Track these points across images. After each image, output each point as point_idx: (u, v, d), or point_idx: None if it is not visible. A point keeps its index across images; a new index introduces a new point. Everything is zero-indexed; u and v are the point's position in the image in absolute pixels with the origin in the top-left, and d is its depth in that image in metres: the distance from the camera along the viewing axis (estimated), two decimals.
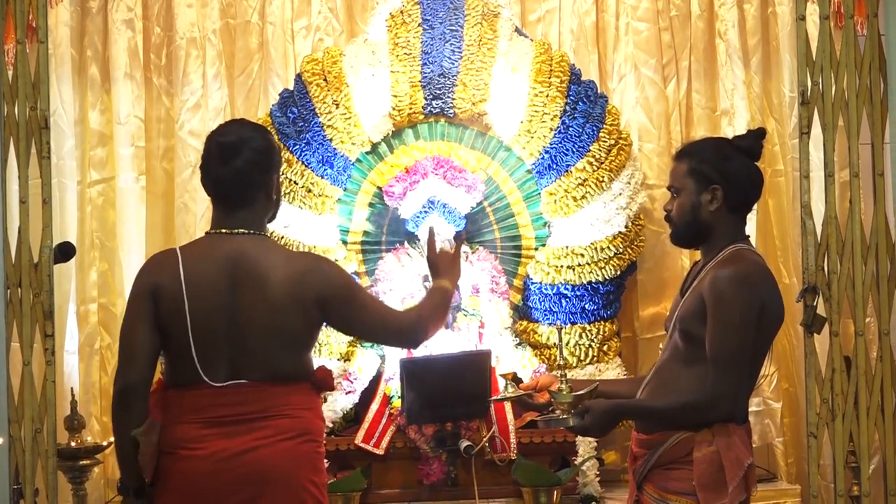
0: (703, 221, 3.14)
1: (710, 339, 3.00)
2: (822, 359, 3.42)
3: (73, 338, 4.98)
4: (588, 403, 3.07)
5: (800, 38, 3.44)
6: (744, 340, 2.97)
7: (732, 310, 2.98)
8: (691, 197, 3.15)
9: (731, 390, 2.97)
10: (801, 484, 4.73)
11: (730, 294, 2.98)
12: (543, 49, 4.87)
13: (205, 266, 2.93)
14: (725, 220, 3.13)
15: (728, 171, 3.13)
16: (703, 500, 2.98)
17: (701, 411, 3.01)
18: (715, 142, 3.30)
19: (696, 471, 3.00)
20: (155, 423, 2.92)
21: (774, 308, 3.05)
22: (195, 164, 5.03)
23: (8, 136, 3.35)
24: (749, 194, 3.17)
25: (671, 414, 3.08)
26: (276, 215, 3.13)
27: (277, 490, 2.87)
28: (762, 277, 3.05)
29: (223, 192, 3.00)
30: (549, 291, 4.79)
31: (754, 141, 3.20)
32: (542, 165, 4.79)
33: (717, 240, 3.13)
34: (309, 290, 2.92)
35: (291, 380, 2.94)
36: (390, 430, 4.54)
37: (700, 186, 3.13)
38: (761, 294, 3.01)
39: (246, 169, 2.97)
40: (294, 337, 2.93)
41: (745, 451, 2.98)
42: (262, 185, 3.00)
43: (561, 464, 4.60)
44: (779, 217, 5.13)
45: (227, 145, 2.98)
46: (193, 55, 5.11)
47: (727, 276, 3.01)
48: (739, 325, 2.97)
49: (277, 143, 3.13)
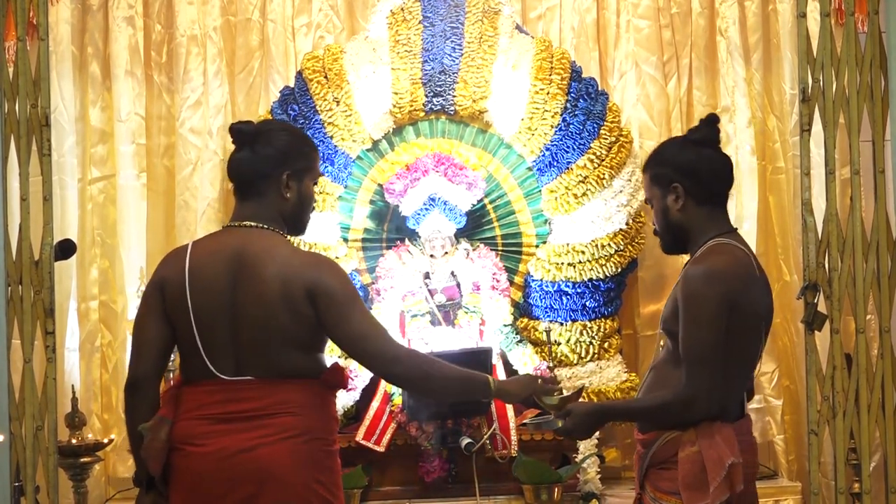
0: (675, 223, 3.11)
1: (681, 338, 2.99)
2: (823, 356, 3.42)
3: (74, 335, 4.99)
4: (570, 406, 3.09)
5: (800, 36, 3.43)
6: (714, 337, 2.93)
7: (700, 307, 2.95)
8: (660, 203, 3.13)
9: (704, 387, 2.94)
10: (801, 481, 4.73)
11: (698, 291, 2.95)
12: (544, 46, 4.87)
13: (209, 259, 2.92)
14: (697, 216, 3.09)
15: (682, 165, 3.09)
16: (686, 499, 2.97)
17: (678, 409, 2.99)
18: (668, 142, 3.27)
19: (680, 471, 3.00)
20: (165, 418, 2.92)
21: (750, 303, 3.00)
22: (196, 162, 5.05)
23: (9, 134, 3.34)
24: (712, 183, 3.11)
25: (650, 413, 3.09)
26: (299, 224, 3.06)
27: (277, 489, 2.85)
28: (734, 272, 2.98)
29: (234, 179, 3.03)
30: (550, 288, 4.79)
31: (706, 129, 3.15)
32: (542, 163, 4.79)
33: (696, 237, 3.10)
34: (299, 286, 2.88)
35: (297, 377, 2.92)
36: (391, 427, 4.54)
37: (664, 190, 3.11)
38: (733, 289, 2.95)
39: (254, 160, 2.97)
40: (291, 334, 2.89)
41: (727, 450, 2.95)
42: (274, 180, 2.98)
43: (562, 461, 4.60)
44: (779, 214, 5.13)
45: (242, 132, 3.01)
46: (194, 52, 5.12)
47: (695, 274, 2.99)
48: (708, 322, 2.93)
49: (306, 150, 3.05)
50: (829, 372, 3.38)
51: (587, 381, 4.73)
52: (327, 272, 2.94)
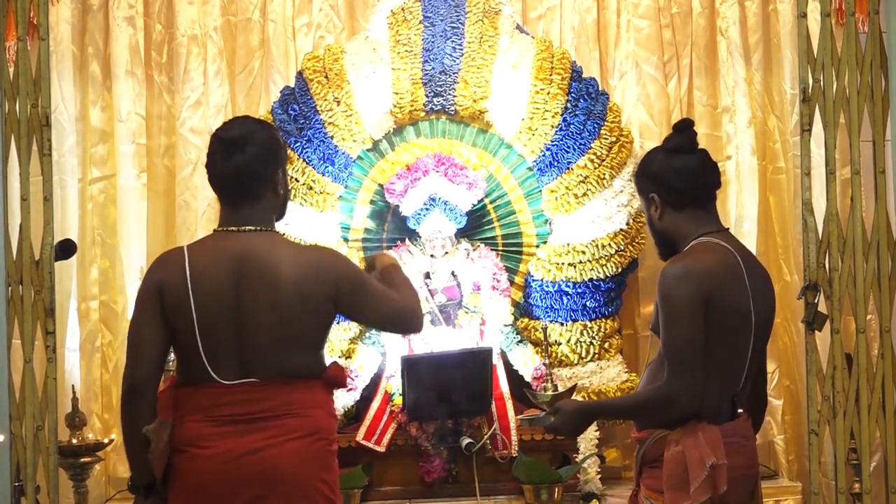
0: (659, 231, 3.17)
1: (661, 337, 3.02)
2: (824, 356, 3.42)
3: (75, 335, 4.98)
4: (559, 403, 3.13)
5: (801, 35, 3.43)
6: (689, 334, 2.95)
7: (674, 305, 2.97)
8: (645, 213, 3.22)
9: (684, 385, 2.95)
10: (802, 481, 4.73)
11: (671, 290, 2.98)
12: (544, 46, 4.87)
13: (211, 263, 2.91)
14: (677, 221, 3.13)
15: (653, 173, 3.15)
16: (669, 499, 2.99)
17: (658, 406, 3.01)
18: (648, 153, 3.30)
19: (664, 470, 3.01)
20: (166, 421, 2.91)
21: (729, 300, 2.99)
22: (196, 162, 5.04)
23: (9, 133, 3.34)
24: (684, 187, 3.13)
25: (633, 411, 3.15)
26: (285, 213, 3.10)
27: (286, 489, 2.86)
28: (707, 270, 2.99)
29: (228, 188, 2.99)
30: (551, 288, 4.79)
31: (677, 137, 3.19)
32: (543, 163, 4.79)
33: (682, 241, 3.12)
34: (320, 288, 2.90)
35: (302, 378, 2.93)
36: (391, 427, 4.54)
37: (645, 200, 3.19)
38: (707, 286, 2.96)
39: (249, 163, 2.95)
40: (304, 335, 2.91)
41: (709, 451, 2.94)
42: (267, 180, 2.98)
43: (562, 461, 4.60)
44: (780, 214, 5.13)
45: (230, 140, 2.97)
46: (194, 52, 5.12)
47: (669, 273, 3.02)
48: (683, 319, 2.95)
49: (281, 140, 3.10)
50: (830, 372, 3.38)
51: (587, 381, 4.73)
52: (339, 265, 2.99)
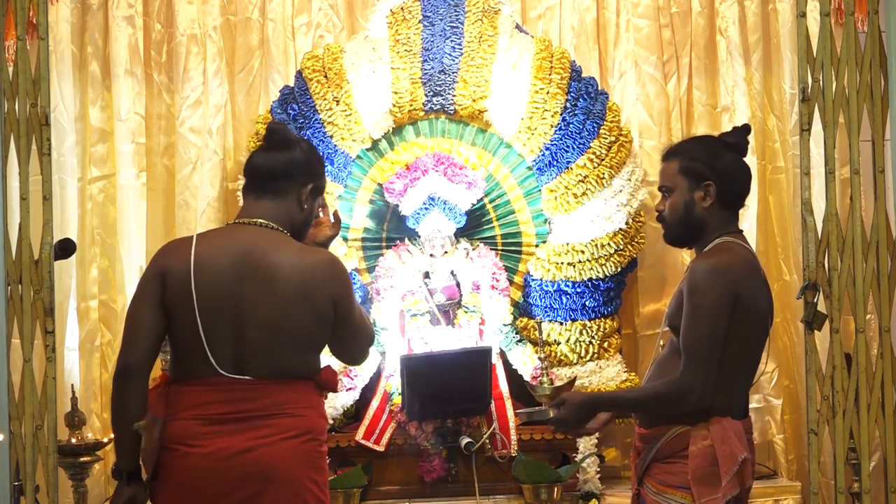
0: (696, 218, 3.15)
1: (682, 329, 3.03)
2: (823, 356, 3.42)
3: (74, 334, 4.98)
4: (564, 395, 3.14)
5: (800, 35, 3.43)
6: (713, 330, 2.97)
7: (704, 299, 2.99)
8: (684, 195, 3.16)
9: (700, 379, 2.97)
10: (801, 481, 4.73)
11: (703, 284, 3.00)
12: (544, 46, 4.87)
13: (216, 253, 2.91)
14: (717, 216, 3.14)
15: (719, 166, 3.15)
16: (697, 493, 3.00)
17: (672, 400, 3.02)
18: (703, 139, 3.33)
19: (690, 464, 3.02)
20: (157, 418, 2.91)
21: (753, 300, 3.04)
22: (196, 161, 5.05)
23: (8, 133, 3.34)
24: (740, 189, 3.19)
25: (644, 404, 3.13)
26: (303, 236, 3.09)
27: (279, 489, 2.86)
28: (741, 269, 3.04)
29: (257, 178, 3.02)
30: (550, 288, 4.79)
31: (741, 137, 3.23)
32: (542, 162, 4.79)
33: (708, 235, 3.14)
34: (322, 288, 2.91)
35: (295, 378, 2.93)
36: (391, 426, 4.54)
37: (693, 184, 3.15)
38: (737, 285, 3.00)
39: (287, 161, 3.00)
40: (301, 334, 2.91)
41: (739, 445, 2.99)
42: (296, 185, 3.01)
43: (561, 460, 4.60)
44: (779, 214, 5.13)
45: (281, 136, 3.05)
46: (194, 52, 5.12)
47: (703, 268, 3.04)
48: (709, 314, 2.97)
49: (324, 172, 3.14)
50: (829, 371, 3.38)
51: (587, 380, 4.73)
52: (342, 274, 3.01)
